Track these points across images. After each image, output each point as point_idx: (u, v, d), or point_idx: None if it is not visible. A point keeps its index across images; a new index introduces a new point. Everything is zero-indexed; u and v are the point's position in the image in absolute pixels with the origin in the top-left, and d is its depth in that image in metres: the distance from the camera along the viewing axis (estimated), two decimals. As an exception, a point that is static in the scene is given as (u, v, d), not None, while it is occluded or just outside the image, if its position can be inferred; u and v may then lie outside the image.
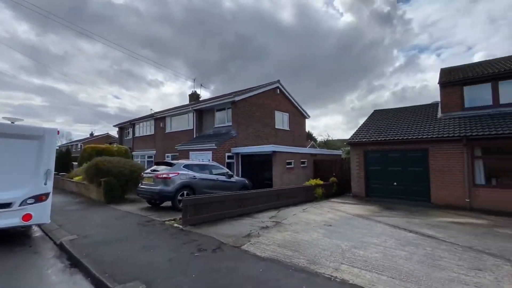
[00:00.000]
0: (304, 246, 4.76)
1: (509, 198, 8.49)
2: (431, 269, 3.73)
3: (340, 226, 6.29)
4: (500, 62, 11.51)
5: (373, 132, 12.07)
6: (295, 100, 18.70)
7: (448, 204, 9.44)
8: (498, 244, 4.95)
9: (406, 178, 10.62)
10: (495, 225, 6.64)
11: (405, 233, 5.71)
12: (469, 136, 9.05)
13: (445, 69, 13.50)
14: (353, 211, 8.44)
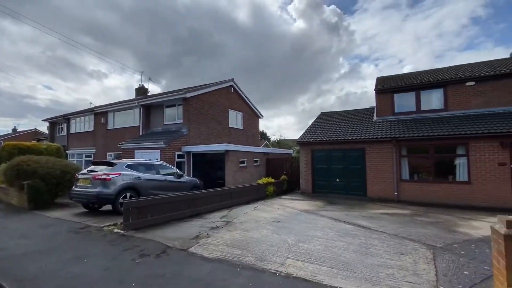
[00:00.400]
0: (252, 244, 4.82)
1: (426, 191, 10.00)
2: (364, 256, 4.15)
3: (288, 222, 6.57)
4: (422, 75, 13.45)
5: (319, 133, 12.92)
6: (249, 100, 18.89)
7: (381, 197, 10.67)
8: (417, 230, 5.77)
9: (347, 175, 11.66)
10: (416, 214, 7.73)
11: (344, 225, 6.25)
12: (397, 137, 10.37)
13: (380, 78, 15.19)
14: (301, 207, 8.90)
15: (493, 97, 10.57)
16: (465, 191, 9.44)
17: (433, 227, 6.10)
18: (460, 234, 5.55)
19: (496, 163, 9.08)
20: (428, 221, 6.85)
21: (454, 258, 4.07)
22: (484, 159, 9.25)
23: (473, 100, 10.90)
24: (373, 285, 3.19)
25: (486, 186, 9.16)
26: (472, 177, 9.39)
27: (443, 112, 11.38)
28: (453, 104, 11.23)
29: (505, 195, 8.89)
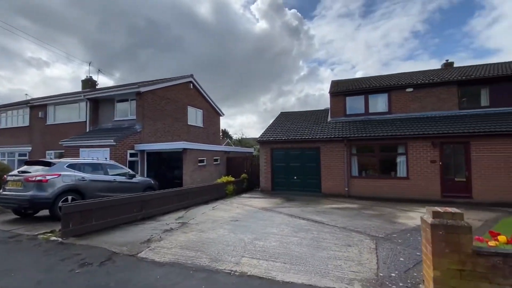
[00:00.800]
0: (208, 245, 4.70)
1: (373, 186, 10.95)
2: (315, 250, 4.35)
3: (246, 220, 6.58)
4: (370, 80, 14.66)
5: (279, 132, 13.24)
6: (209, 97, 18.49)
7: (333, 193, 11.37)
8: (363, 223, 6.27)
9: (304, 172, 12.17)
10: (363, 208, 8.41)
11: (299, 221, 6.50)
12: (348, 137, 11.15)
13: (334, 81, 16.16)
14: (260, 204, 9.01)
15: (427, 102, 12.01)
16: (404, 186, 10.57)
17: (377, 219, 6.70)
18: (399, 224, 6.19)
19: (429, 161, 10.34)
20: (373, 213, 7.50)
21: (393, 247, 4.51)
22: (419, 157, 10.47)
23: (411, 105, 12.24)
24: (322, 277, 3.36)
25: (420, 181, 10.38)
26: (410, 173, 10.56)
27: (387, 114, 12.58)
28: (396, 108, 12.47)
29: (435, 189, 10.19)
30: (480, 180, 9.70)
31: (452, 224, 2.69)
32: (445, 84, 11.72)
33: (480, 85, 11.53)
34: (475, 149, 9.81)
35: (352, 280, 3.26)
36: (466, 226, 2.66)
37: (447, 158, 10.30)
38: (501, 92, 11.14)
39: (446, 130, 10.07)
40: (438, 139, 10.18)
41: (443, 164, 10.21)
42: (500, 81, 11.10)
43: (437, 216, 2.79)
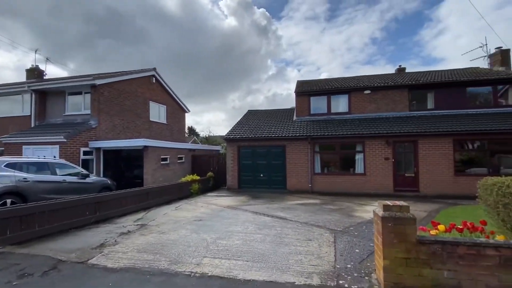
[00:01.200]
0: (168, 247, 4.49)
1: (334, 182, 11.51)
2: (278, 246, 4.41)
3: (210, 220, 6.45)
4: (332, 82, 15.37)
5: (246, 130, 13.23)
6: (174, 93, 17.76)
7: (298, 190, 11.73)
8: (324, 217, 6.55)
9: (270, 170, 12.34)
10: (324, 203, 8.79)
11: (264, 217, 6.56)
12: (312, 135, 11.56)
13: (300, 82, 16.62)
14: (225, 203, 8.91)
15: (382, 104, 12.95)
16: (362, 181, 11.31)
17: (336, 214, 7.05)
18: (356, 218, 6.58)
19: (383, 158, 11.18)
20: (333, 208, 7.88)
21: (350, 239, 4.77)
22: (375, 154, 11.26)
23: (368, 106, 13.10)
24: (282, 272, 3.41)
25: (376, 177, 11.18)
26: (366, 170, 11.31)
27: (347, 115, 13.31)
28: (355, 109, 13.25)
29: (388, 184, 11.06)
30: (426, 176, 10.76)
31: (399, 216, 2.91)
32: (398, 87, 12.76)
33: (426, 89, 12.76)
34: (422, 147, 10.84)
35: (311, 274, 3.36)
36: (411, 217, 2.89)
37: (399, 156, 11.24)
38: (444, 96, 12.46)
39: (398, 130, 10.96)
40: (391, 138, 11.04)
41: (395, 161, 11.12)
42: (443, 87, 12.40)
43: (387, 209, 2.99)
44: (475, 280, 2.74)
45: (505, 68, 13.80)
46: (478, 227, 3.38)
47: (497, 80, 11.90)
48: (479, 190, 3.65)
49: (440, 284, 2.79)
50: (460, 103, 12.26)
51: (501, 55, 14.16)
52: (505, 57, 14.06)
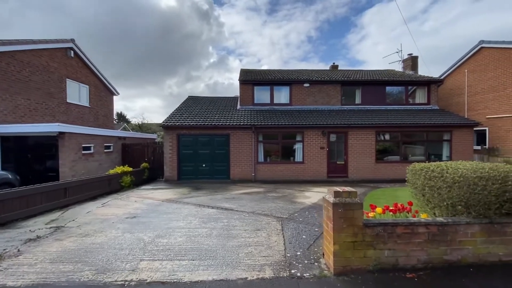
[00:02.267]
0: (94, 252, 3.73)
1: (275, 170, 11.86)
2: (226, 240, 4.16)
3: (147, 216, 5.73)
4: (275, 73, 15.65)
5: (186, 117, 12.35)
6: (99, 72, 15.26)
7: (241, 179, 11.66)
8: (269, 205, 6.59)
9: (213, 159, 11.89)
10: (268, 191, 8.92)
11: (208, 210, 6.19)
12: (256, 125, 11.56)
13: (244, 70, 16.39)
14: (164, 196, 8.15)
15: (319, 97, 13.84)
16: (300, 169, 11.95)
17: (280, 201, 7.20)
18: (298, 204, 6.84)
19: (319, 147, 12.02)
20: (276, 196, 8.05)
21: (296, 226, 4.86)
22: (312, 144, 12.01)
23: (307, 99, 13.82)
24: (233, 268, 3.18)
25: (313, 165, 11.97)
26: (305, 158, 11.99)
27: (288, 106, 13.78)
28: (295, 100, 13.81)
29: (323, 171, 11.99)
30: (353, 163, 12.05)
31: (348, 202, 2.99)
32: (332, 83, 13.80)
33: (355, 86, 14.17)
34: (351, 138, 12.05)
35: (263, 266, 3.22)
36: (358, 202, 3.00)
37: (332, 145, 12.25)
38: (368, 93, 14.06)
39: (332, 122, 11.88)
40: (327, 129, 11.92)
41: (329, 150, 12.10)
42: (368, 84, 13.97)
43: (337, 196, 3.04)
44: (409, 256, 3.03)
45: (414, 72, 16.43)
46: (406, 208, 3.79)
47: (409, 82, 14.05)
48: (407, 174, 4.10)
49: (381, 263, 3.00)
50: (380, 100, 14.07)
51: (412, 60, 16.79)
52: (414, 62, 16.72)
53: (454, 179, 3.07)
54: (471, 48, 14.23)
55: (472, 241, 3.07)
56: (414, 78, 14.36)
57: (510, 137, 12.37)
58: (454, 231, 3.05)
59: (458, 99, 15.24)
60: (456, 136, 12.11)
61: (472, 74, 14.32)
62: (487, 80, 13.45)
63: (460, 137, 12.10)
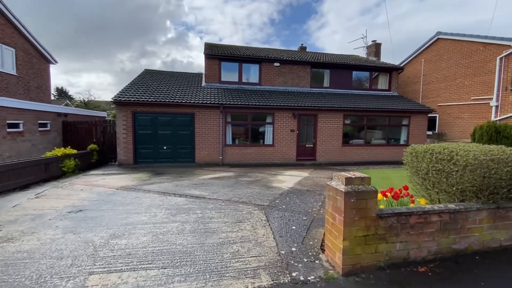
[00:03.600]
0: (18, 267, 2.68)
1: (244, 153, 11.23)
2: (204, 236, 3.43)
3: (98, 209, 4.63)
4: (244, 49, 14.61)
5: (143, 92, 10.78)
6: (31, 34, 12.38)
7: (208, 162, 10.79)
8: (245, 192, 5.98)
9: (176, 141, 10.71)
10: (239, 175, 8.29)
11: (175, 199, 5.31)
12: (224, 104, 10.62)
13: (209, 44, 14.98)
14: (118, 183, 6.93)
15: (289, 78, 13.34)
16: (270, 152, 11.52)
17: (255, 186, 6.63)
18: (275, 189, 6.35)
19: (289, 130, 11.67)
20: (249, 180, 7.47)
21: (281, 214, 4.34)
22: (283, 126, 11.59)
23: (277, 79, 13.22)
24: (220, 277, 2.50)
25: (282, 148, 11.63)
26: (275, 141, 11.56)
27: (258, 86, 13.04)
28: (265, 80, 13.10)
29: (292, 154, 11.75)
30: (322, 146, 12.04)
31: (362, 190, 2.49)
32: (303, 63, 13.37)
33: (324, 69, 13.97)
34: (320, 121, 11.93)
35: (256, 270, 2.61)
36: (373, 190, 2.53)
37: (302, 128, 12.01)
38: (336, 77, 14.02)
39: (303, 104, 11.55)
40: (297, 111, 11.57)
41: (299, 133, 11.85)
42: (336, 68, 13.88)
43: (349, 183, 2.51)
44: (420, 248, 2.71)
45: (377, 58, 16.91)
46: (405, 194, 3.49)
47: (374, 68, 14.34)
48: (404, 157, 3.81)
49: (393, 257, 2.63)
50: (347, 84, 14.17)
51: (375, 47, 17.21)
52: (378, 49, 17.18)
53: (467, 162, 2.79)
54: (429, 39, 15.03)
55: (479, 228, 2.89)
56: (379, 64, 14.72)
57: (457, 124, 13.62)
58: (465, 218, 2.82)
59: (414, 87, 16.23)
60: (414, 121, 12.85)
61: (428, 64, 15.24)
62: (441, 70, 14.43)
63: (417, 123, 12.89)
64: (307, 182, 7.34)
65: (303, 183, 7.17)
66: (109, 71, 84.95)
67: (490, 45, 11.80)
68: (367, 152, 12.59)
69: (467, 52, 12.97)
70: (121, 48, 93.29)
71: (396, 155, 12.73)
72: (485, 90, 12.13)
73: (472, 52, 12.68)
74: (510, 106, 11.08)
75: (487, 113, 12.04)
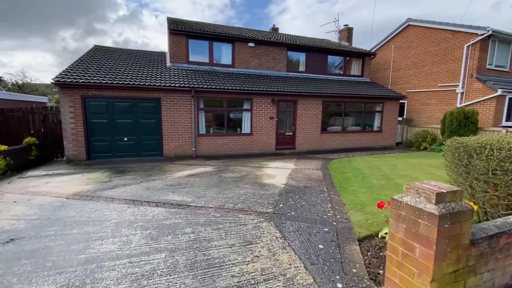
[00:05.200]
0: None
1: (220, 143, 10.11)
2: (208, 276, 2.41)
3: (39, 235, 3.25)
4: (214, 27, 13.06)
5: (95, 72, 8.83)
6: None
7: (178, 155, 9.47)
8: (236, 193, 5.01)
9: (138, 131, 9.10)
10: (219, 171, 7.23)
11: (151, 209, 4.12)
12: (196, 88, 9.25)
13: (172, 19, 13.06)
14: (68, 188, 5.38)
15: (264, 61, 12.32)
16: (248, 141, 10.58)
17: (245, 185, 5.70)
18: (270, 187, 5.50)
19: (268, 117, 10.81)
20: (235, 177, 6.50)
21: (295, 226, 3.51)
22: (262, 113, 10.67)
23: (251, 61, 12.11)
24: None
25: (261, 136, 10.77)
26: (253, 129, 10.61)
27: (231, 68, 11.79)
28: (238, 62, 11.89)
29: (272, 143, 10.97)
30: (301, 134, 11.47)
31: (458, 210, 1.74)
32: (278, 45, 12.40)
33: (300, 52, 13.20)
34: (300, 107, 11.27)
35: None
36: (469, 209, 1.80)
37: (281, 115, 11.25)
38: (312, 61, 13.41)
39: (282, 89, 10.70)
40: (277, 96, 10.71)
41: (278, 120, 11.08)
42: (311, 51, 13.22)
43: (440, 200, 1.74)
44: (504, 274, 2.11)
45: (349, 43, 16.70)
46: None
47: (349, 52, 14.01)
48: (446, 153, 3.21)
49: (480, 292, 1.98)
50: (323, 69, 13.68)
51: (347, 32, 16.93)
52: (350, 34, 16.93)
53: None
54: (400, 25, 15.17)
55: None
56: (354, 49, 14.46)
57: (424, 110, 14.19)
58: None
59: (384, 73, 16.50)
60: (387, 107, 12.97)
61: (398, 50, 15.47)
62: (410, 57, 14.75)
63: (390, 109, 13.04)
64: (299, 176, 6.64)
65: (295, 177, 6.45)
66: (49, 50, 73.47)
67: (459, 33, 12.19)
68: (344, 139, 12.41)
69: (436, 40, 13.32)
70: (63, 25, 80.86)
71: (370, 141, 12.81)
72: (452, 77, 12.66)
73: (441, 40, 13.05)
74: (475, 92, 11.71)
75: (453, 99, 12.64)
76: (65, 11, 75.03)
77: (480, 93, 11.57)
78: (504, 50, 12.36)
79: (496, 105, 11.11)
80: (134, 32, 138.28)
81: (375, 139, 12.96)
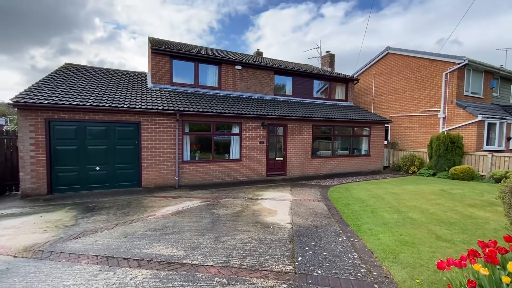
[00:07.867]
0: None
1: (207, 171, 9.20)
2: None
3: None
4: (199, 48, 12.62)
5: (65, 92, 7.75)
6: None
7: (158, 186, 8.39)
8: (237, 240, 4.12)
9: (113, 158, 7.97)
10: (210, 205, 6.30)
11: (132, 273, 3.10)
12: (182, 111, 8.47)
13: (154, 38, 12.48)
14: (17, 239, 4.15)
15: (251, 84, 11.95)
16: (237, 168, 9.78)
17: (245, 226, 4.83)
18: (276, 228, 4.69)
19: (258, 142, 10.19)
20: (230, 213, 5.60)
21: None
22: (251, 138, 10.04)
23: (239, 84, 11.68)
24: None
25: (251, 162, 10.04)
26: (242, 155, 9.89)
27: (218, 90, 11.24)
28: (225, 85, 11.40)
29: (262, 168, 10.27)
30: (292, 159, 10.93)
31: None
32: (265, 68, 12.19)
33: (286, 76, 13.09)
34: (290, 131, 10.84)
35: None
36: None
37: (271, 139, 10.69)
38: (299, 85, 13.32)
39: (272, 113, 10.25)
40: (267, 120, 10.21)
41: (268, 145, 10.48)
42: (298, 76, 13.17)
43: None
44: None
45: (331, 69, 17.06)
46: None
47: (334, 78, 14.17)
48: (503, 194, 2.67)
49: None
50: (309, 93, 13.63)
51: (329, 57, 17.37)
52: (332, 60, 17.36)
53: None
54: (380, 52, 15.81)
55: None
56: (338, 74, 14.68)
57: (407, 133, 14.44)
58: None
59: (366, 98, 16.87)
60: (374, 131, 12.99)
61: (379, 76, 15.99)
62: (391, 83, 15.25)
63: (377, 132, 13.07)
64: (302, 211, 5.91)
65: (299, 213, 5.71)
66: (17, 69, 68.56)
67: (436, 62, 12.81)
68: (335, 163, 12.06)
69: (415, 67, 13.92)
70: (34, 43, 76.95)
71: (359, 165, 12.59)
72: (433, 102, 13.10)
73: (420, 67, 13.64)
74: (456, 118, 12.09)
75: (436, 124, 12.98)
76: (38, 29, 71.67)
77: (461, 118, 11.97)
78: (477, 79, 13.14)
79: (477, 130, 11.48)
80: (112, 54, 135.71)
81: (364, 163, 12.77)
